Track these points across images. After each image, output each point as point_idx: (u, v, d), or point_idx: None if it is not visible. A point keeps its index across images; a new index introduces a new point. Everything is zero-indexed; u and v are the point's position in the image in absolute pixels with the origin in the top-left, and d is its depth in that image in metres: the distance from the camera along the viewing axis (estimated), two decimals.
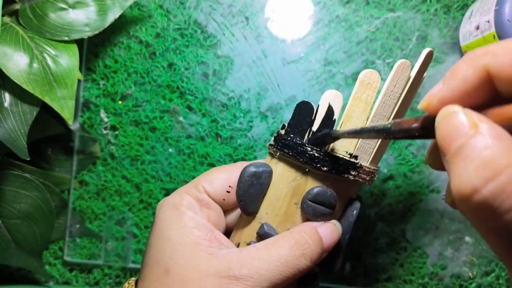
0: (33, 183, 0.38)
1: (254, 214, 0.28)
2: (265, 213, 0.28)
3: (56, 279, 0.42)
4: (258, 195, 0.28)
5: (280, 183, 0.28)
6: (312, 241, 0.26)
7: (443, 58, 0.41)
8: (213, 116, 0.41)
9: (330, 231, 0.27)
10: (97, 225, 0.42)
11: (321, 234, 0.27)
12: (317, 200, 0.27)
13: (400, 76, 0.26)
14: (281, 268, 0.25)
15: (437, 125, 0.17)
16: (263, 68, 0.41)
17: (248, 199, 0.28)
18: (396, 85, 0.26)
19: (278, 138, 0.28)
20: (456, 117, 0.16)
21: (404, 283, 0.41)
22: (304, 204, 0.27)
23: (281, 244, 0.26)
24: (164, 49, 0.41)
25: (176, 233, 0.26)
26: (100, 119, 0.42)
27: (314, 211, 0.27)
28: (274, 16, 0.41)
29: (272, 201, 0.28)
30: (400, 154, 0.41)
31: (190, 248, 0.26)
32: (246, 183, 0.27)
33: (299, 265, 0.26)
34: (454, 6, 0.41)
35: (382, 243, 0.41)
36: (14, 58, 0.33)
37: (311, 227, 0.27)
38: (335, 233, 0.28)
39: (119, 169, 0.42)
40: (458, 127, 0.16)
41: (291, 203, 0.28)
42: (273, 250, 0.25)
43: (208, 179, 0.29)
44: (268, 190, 0.28)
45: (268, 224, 0.28)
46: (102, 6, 0.37)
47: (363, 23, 0.41)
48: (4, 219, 0.38)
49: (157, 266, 0.26)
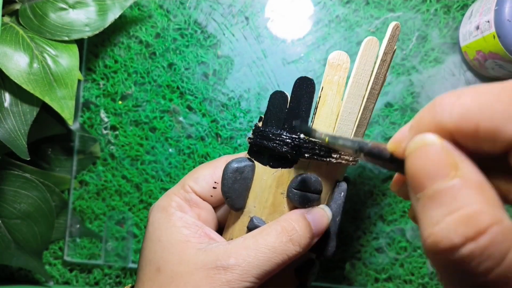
0: (33, 183, 0.38)
1: (242, 209, 0.28)
2: (253, 206, 0.28)
3: (56, 279, 0.42)
4: (243, 190, 0.28)
5: (263, 174, 0.28)
6: (299, 227, 0.26)
7: (443, 58, 0.41)
8: (213, 116, 0.41)
9: (318, 216, 0.27)
10: (97, 225, 0.42)
11: (309, 219, 0.27)
12: (302, 188, 0.27)
13: (369, 53, 0.26)
14: (269, 254, 0.25)
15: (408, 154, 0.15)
16: (263, 68, 0.41)
17: (234, 195, 0.28)
18: (367, 63, 0.26)
19: (256, 131, 0.28)
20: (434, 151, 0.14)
21: (404, 283, 0.41)
22: (290, 193, 0.27)
23: (267, 232, 0.26)
24: (164, 49, 0.41)
25: (166, 233, 0.27)
26: (100, 119, 0.42)
27: (300, 199, 0.27)
28: (274, 16, 0.41)
29: (258, 194, 0.28)
30: None
31: (179, 246, 0.26)
32: (230, 179, 0.27)
33: (287, 251, 0.26)
34: (454, 6, 0.41)
35: (382, 243, 0.41)
36: (14, 58, 0.33)
37: (298, 213, 0.27)
38: (324, 217, 0.28)
39: (119, 169, 0.42)
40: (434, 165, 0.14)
41: (277, 193, 0.28)
42: (260, 238, 0.26)
43: (194, 178, 0.29)
44: (252, 183, 0.28)
45: (257, 217, 0.28)
46: (102, 6, 0.37)
47: (363, 23, 0.41)
48: (4, 219, 0.38)
49: (150, 266, 0.27)
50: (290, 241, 0.26)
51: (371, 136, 0.41)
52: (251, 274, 0.25)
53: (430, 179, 0.14)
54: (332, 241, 0.29)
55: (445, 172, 0.14)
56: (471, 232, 0.13)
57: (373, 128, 0.41)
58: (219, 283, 0.24)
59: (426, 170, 0.14)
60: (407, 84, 0.41)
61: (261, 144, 0.27)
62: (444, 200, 0.14)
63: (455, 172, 0.14)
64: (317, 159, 0.26)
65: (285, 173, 0.27)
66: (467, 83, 0.41)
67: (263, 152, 0.28)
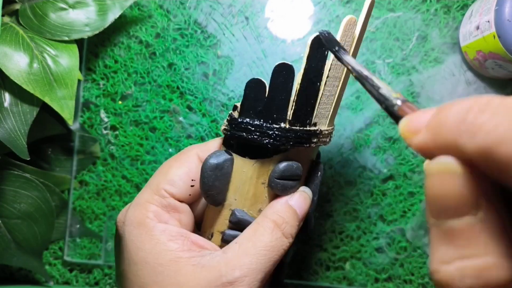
0: (33, 183, 0.38)
1: (223, 203, 0.27)
2: (234, 199, 0.27)
3: (56, 279, 0.42)
4: (224, 185, 0.26)
5: (243, 167, 0.26)
6: (288, 217, 0.26)
7: (443, 58, 0.41)
8: (213, 116, 0.41)
9: (301, 200, 0.27)
10: (97, 225, 0.42)
11: (294, 206, 0.27)
12: (284, 176, 0.27)
13: (348, 33, 0.25)
14: (269, 255, 0.25)
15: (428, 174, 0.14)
16: (263, 68, 0.41)
17: (215, 192, 0.26)
18: (345, 44, 0.26)
19: (232, 122, 0.26)
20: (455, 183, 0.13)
21: (404, 283, 0.41)
22: (272, 183, 0.27)
23: (261, 231, 0.25)
24: (164, 49, 0.41)
25: (151, 253, 0.24)
26: (100, 119, 0.42)
27: (283, 187, 0.27)
28: (274, 16, 0.41)
29: (239, 186, 0.27)
30: (400, 154, 0.41)
31: (172, 267, 0.23)
32: (210, 177, 0.26)
33: (283, 245, 0.26)
34: (454, 6, 0.41)
35: (382, 243, 0.41)
36: (14, 58, 0.33)
37: (283, 203, 0.27)
38: (307, 199, 0.28)
39: (119, 169, 0.42)
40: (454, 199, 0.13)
41: (258, 184, 0.27)
42: (257, 241, 0.25)
43: (168, 180, 0.26)
44: (232, 176, 0.27)
45: (239, 209, 0.27)
46: (102, 6, 0.37)
47: None
48: (4, 219, 0.38)
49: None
50: (283, 235, 0.26)
51: (371, 136, 0.41)
52: (257, 280, 0.24)
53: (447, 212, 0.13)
54: (311, 218, 0.29)
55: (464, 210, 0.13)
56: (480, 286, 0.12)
57: (373, 128, 0.41)
58: None
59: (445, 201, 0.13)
60: (407, 84, 0.41)
61: (239, 136, 0.26)
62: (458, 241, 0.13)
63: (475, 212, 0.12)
64: (298, 145, 0.26)
65: (265, 163, 0.27)
66: (467, 83, 0.41)
67: (241, 144, 0.26)
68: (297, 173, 0.27)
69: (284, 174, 0.27)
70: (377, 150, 0.41)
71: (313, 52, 0.25)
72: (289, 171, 0.27)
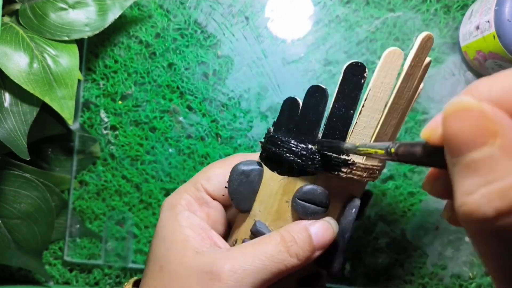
0: (33, 183, 0.38)
1: (249, 211, 0.28)
2: (258, 210, 0.28)
3: (56, 279, 0.42)
4: (249, 192, 0.28)
5: (270, 181, 0.27)
6: (299, 238, 0.26)
7: (443, 58, 0.41)
8: (213, 116, 0.41)
9: (322, 228, 0.27)
10: (97, 225, 0.42)
11: (311, 231, 0.26)
12: (306, 199, 0.26)
13: (391, 66, 0.24)
14: (266, 262, 0.25)
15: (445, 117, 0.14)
16: (263, 68, 0.41)
17: (239, 196, 0.27)
18: (387, 76, 0.24)
19: (267, 135, 0.27)
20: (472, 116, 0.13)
21: (404, 283, 0.41)
22: (294, 202, 0.27)
23: (267, 241, 0.26)
24: (164, 49, 0.41)
25: (170, 232, 0.27)
26: (100, 119, 0.42)
27: (304, 210, 0.26)
28: (274, 16, 0.41)
29: (264, 199, 0.28)
30: None
31: (180, 246, 0.26)
32: (236, 181, 0.27)
33: (285, 261, 0.25)
34: (454, 6, 0.41)
35: (382, 243, 0.41)
36: (14, 58, 0.33)
37: (301, 225, 0.27)
38: (329, 230, 0.27)
39: (119, 169, 0.42)
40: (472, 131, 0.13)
41: (282, 201, 0.27)
42: (258, 247, 0.25)
43: (206, 176, 0.29)
44: (260, 187, 0.28)
45: (261, 221, 0.28)
46: (102, 6, 0.37)
47: (363, 23, 0.41)
48: (4, 219, 0.38)
49: (154, 263, 0.27)
50: (287, 252, 0.25)
51: None
52: (247, 282, 0.24)
53: (467, 146, 0.13)
54: (339, 257, 0.28)
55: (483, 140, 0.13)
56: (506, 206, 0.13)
57: None
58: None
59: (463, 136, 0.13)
60: None
61: (269, 150, 0.27)
62: (480, 169, 0.13)
63: (494, 140, 0.13)
64: (325, 171, 0.26)
65: (292, 182, 0.27)
66: (467, 83, 0.41)
67: (271, 158, 0.27)
68: (321, 199, 0.26)
69: (306, 196, 0.26)
70: None
71: (345, 80, 0.25)
72: (312, 194, 0.26)
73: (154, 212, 0.42)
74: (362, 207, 0.30)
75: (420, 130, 0.40)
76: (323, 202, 0.27)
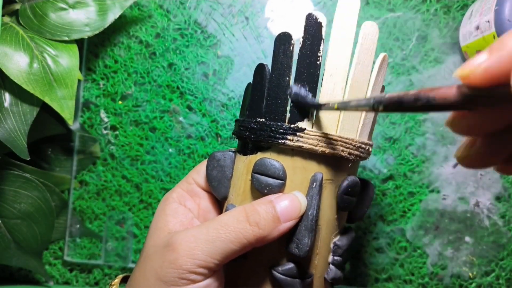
0: (33, 183, 0.38)
1: (226, 198, 0.29)
2: (231, 194, 0.29)
3: (56, 279, 0.42)
4: (222, 177, 0.29)
5: (238, 163, 0.28)
6: (261, 209, 0.25)
7: (443, 58, 0.41)
8: (213, 116, 0.41)
9: (288, 201, 0.26)
10: (97, 225, 0.42)
11: (275, 203, 0.26)
12: (259, 171, 0.26)
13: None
14: (220, 230, 0.25)
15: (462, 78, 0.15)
16: None
17: (214, 182, 0.29)
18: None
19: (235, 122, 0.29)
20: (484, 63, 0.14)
21: (404, 283, 0.41)
22: (252, 177, 0.27)
23: (228, 213, 0.26)
24: (164, 49, 0.41)
25: (155, 221, 0.29)
26: (100, 119, 0.42)
27: (258, 182, 0.26)
28: (274, 16, 0.41)
29: (235, 182, 0.29)
30: (400, 154, 0.41)
31: (159, 231, 0.28)
32: (209, 166, 0.29)
33: (242, 229, 0.25)
34: (454, 6, 0.41)
35: (382, 243, 0.41)
36: (14, 58, 0.34)
37: (265, 198, 0.26)
38: (295, 203, 0.26)
39: (119, 169, 0.42)
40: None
41: (247, 180, 0.28)
42: (217, 219, 0.26)
43: (197, 170, 0.31)
44: (233, 172, 0.29)
45: (232, 204, 0.28)
46: (102, 6, 0.37)
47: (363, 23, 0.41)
48: (4, 219, 0.38)
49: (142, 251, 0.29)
50: (247, 221, 0.25)
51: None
52: (200, 251, 0.24)
53: None
54: (304, 237, 0.26)
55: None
56: None
57: None
58: (167, 263, 0.25)
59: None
60: (407, 84, 0.41)
61: (236, 134, 0.29)
62: None
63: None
64: (272, 142, 0.26)
65: (253, 160, 0.27)
66: None
67: (240, 143, 0.29)
68: (274, 171, 0.26)
69: (259, 169, 0.26)
70: (377, 150, 0.41)
71: (277, 50, 0.27)
72: (263, 166, 0.26)
73: (154, 212, 0.42)
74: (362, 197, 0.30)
75: (420, 130, 0.41)
76: (275, 173, 0.26)
